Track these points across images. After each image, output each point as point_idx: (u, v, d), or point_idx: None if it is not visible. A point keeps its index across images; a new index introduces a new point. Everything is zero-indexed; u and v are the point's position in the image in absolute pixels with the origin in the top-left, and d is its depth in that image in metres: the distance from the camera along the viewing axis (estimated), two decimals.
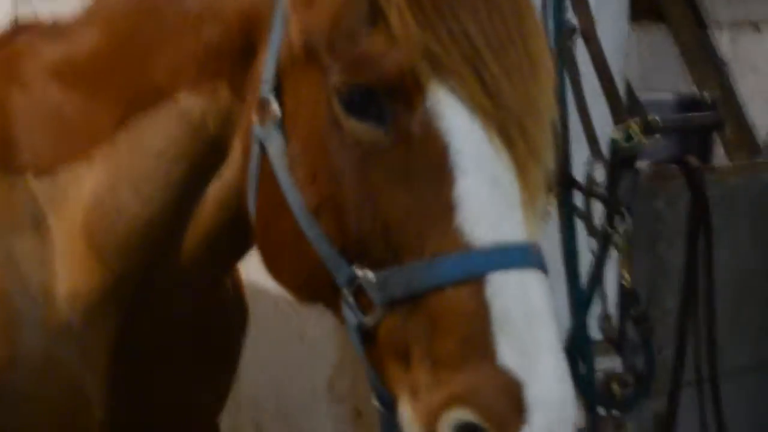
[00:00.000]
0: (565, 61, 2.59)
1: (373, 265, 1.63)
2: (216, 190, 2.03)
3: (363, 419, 3.16)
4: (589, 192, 2.61)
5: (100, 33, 2.24)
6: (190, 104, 1.98)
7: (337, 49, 1.65)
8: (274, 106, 1.75)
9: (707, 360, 2.97)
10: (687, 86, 7.79)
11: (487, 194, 1.60)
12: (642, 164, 2.75)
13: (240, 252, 2.19)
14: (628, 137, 2.58)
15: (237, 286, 2.55)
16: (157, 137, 2.07)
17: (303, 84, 1.74)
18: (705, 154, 4.64)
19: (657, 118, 2.69)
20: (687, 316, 2.92)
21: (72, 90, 2.27)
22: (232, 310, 2.53)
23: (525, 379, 1.45)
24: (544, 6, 2.54)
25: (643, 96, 3.09)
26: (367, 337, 1.66)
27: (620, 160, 2.59)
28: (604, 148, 2.63)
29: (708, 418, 3.00)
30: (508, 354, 1.48)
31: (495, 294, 1.52)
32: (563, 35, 2.56)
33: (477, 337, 1.51)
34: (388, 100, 1.61)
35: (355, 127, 1.64)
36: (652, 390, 2.70)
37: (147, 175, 2.10)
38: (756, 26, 8.09)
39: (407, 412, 1.58)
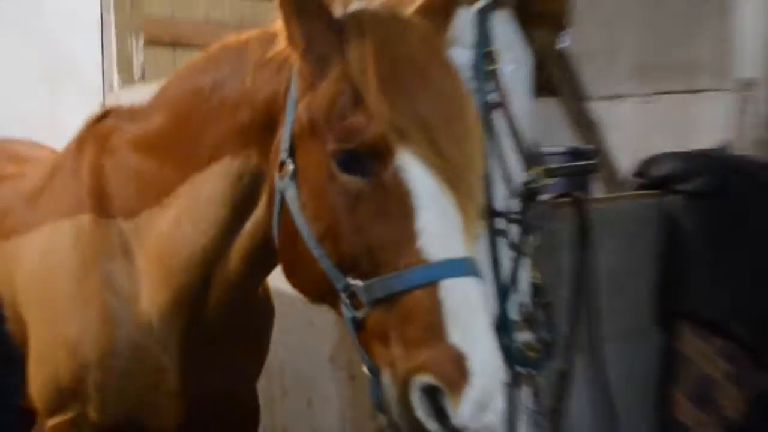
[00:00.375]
0: (489, 126, 2.64)
1: (362, 276, 1.68)
2: (251, 224, 2.06)
3: (356, 382, 3.20)
4: (507, 218, 2.68)
5: (165, 115, 2.26)
6: (231, 166, 2.03)
7: (332, 124, 1.72)
8: (290, 166, 1.81)
9: (589, 332, 3.05)
10: (572, 142, 7.84)
11: (438, 225, 1.68)
12: (544, 197, 2.86)
13: (269, 267, 2.22)
14: (534, 179, 2.66)
15: (266, 291, 2.59)
16: (208, 189, 2.09)
17: (309, 149, 1.79)
18: (586, 189, 4.66)
19: (553, 165, 2.78)
20: (576, 302, 3.01)
21: (148, 157, 2.28)
22: (263, 307, 2.60)
23: (468, 352, 1.55)
24: (474, 89, 2.60)
25: (544, 149, 3.11)
26: (358, 326, 1.71)
27: (529, 195, 2.69)
28: (518, 186, 2.69)
29: (591, 372, 3.10)
30: (456, 336, 1.56)
31: (446, 294, 1.60)
32: (487, 109, 2.60)
33: (434, 324, 1.58)
34: (368, 160, 1.68)
35: (345, 179, 1.71)
36: (553, 354, 2.79)
37: (202, 216, 2.12)
38: (619, 98, 8.08)
39: (387, 378, 1.66)
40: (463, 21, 2.60)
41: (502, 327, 2.63)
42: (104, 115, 2.56)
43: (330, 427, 3.51)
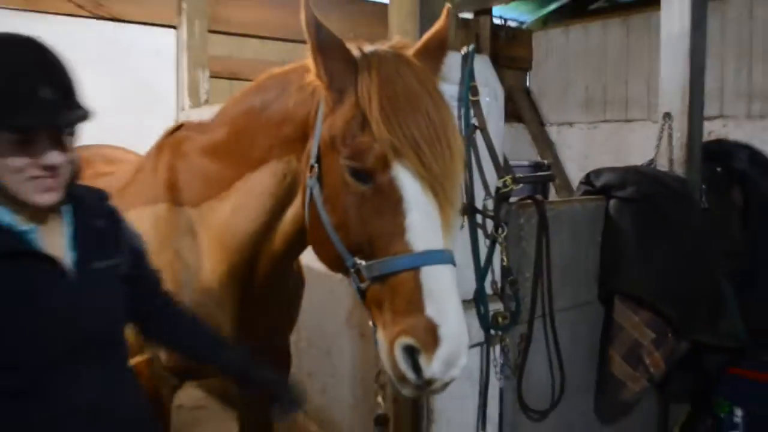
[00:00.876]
0: (471, 144, 2.63)
1: (365, 257, 1.71)
2: (290, 213, 2.05)
3: (365, 338, 3.19)
4: (484, 214, 2.67)
5: (225, 128, 2.23)
6: (277, 167, 2.01)
7: (345, 142, 1.71)
8: (316, 169, 1.80)
9: (547, 304, 3.03)
10: (535, 157, 7.85)
11: (422, 222, 1.67)
12: (513, 199, 2.83)
13: (302, 247, 2.19)
14: (505, 185, 2.64)
15: (298, 266, 2.56)
16: (259, 185, 2.07)
17: (329, 158, 1.78)
18: (545, 193, 4.64)
19: (519, 175, 2.76)
20: (537, 280, 2.97)
21: (211, 160, 2.26)
22: (296, 279, 2.56)
23: (440, 322, 1.59)
24: (459, 116, 2.58)
25: (513, 162, 3.13)
26: (363, 294, 1.74)
27: (501, 197, 2.67)
28: (493, 191, 2.68)
29: (549, 336, 3.08)
30: (431, 309, 1.60)
31: (425, 277, 1.63)
32: (470, 130, 2.58)
33: (415, 299, 1.62)
34: (371, 172, 1.68)
35: (354, 184, 1.71)
36: (518, 320, 2.78)
37: (253, 206, 2.10)
38: (570, 124, 8.08)
39: (380, 338, 1.71)
40: (452, 62, 2.58)
41: (480, 299, 2.64)
42: (178, 128, 2.57)
43: (344, 372, 3.50)
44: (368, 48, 1.82)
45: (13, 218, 1.58)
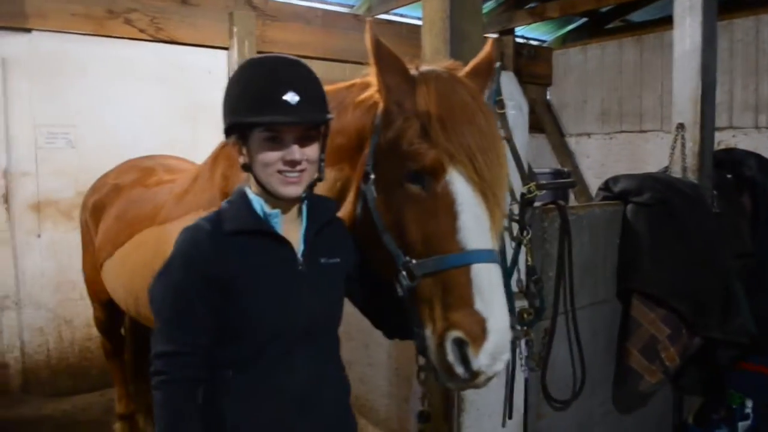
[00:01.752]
0: None
1: (415, 256, 1.68)
2: (341, 214, 2.00)
3: None
4: (510, 218, 2.63)
5: None
6: (330, 174, 1.97)
7: (404, 149, 1.71)
8: (371, 176, 1.79)
9: (570, 301, 2.98)
10: (555, 165, 7.77)
11: (473, 224, 1.66)
12: (537, 204, 2.80)
13: None
14: (529, 191, 2.61)
15: None
16: None
17: (385, 165, 1.77)
18: (566, 199, 4.60)
19: (543, 182, 2.73)
20: (559, 279, 2.93)
21: None
22: None
23: (488, 317, 1.57)
24: None
25: (535, 170, 3.11)
26: (411, 292, 1.70)
27: (526, 203, 2.63)
28: (518, 196, 2.65)
29: (571, 331, 3.03)
30: (480, 304, 1.58)
31: (475, 274, 1.61)
32: None
33: (465, 295, 1.60)
34: (426, 176, 1.68)
35: (409, 187, 1.70)
36: (542, 316, 2.74)
37: None
38: (588, 135, 7.99)
39: (429, 332, 1.66)
40: None
41: (507, 296, 2.61)
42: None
43: (380, 363, 3.47)
44: (424, 67, 1.84)
45: (263, 205, 1.70)
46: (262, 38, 5.74)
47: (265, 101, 1.60)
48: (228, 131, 1.71)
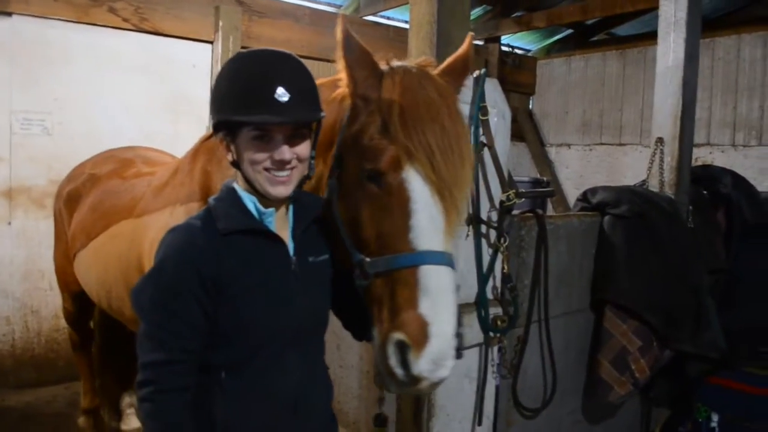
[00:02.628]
0: (479, 160, 2.60)
1: (369, 254, 1.65)
2: None
3: None
4: (488, 225, 2.63)
5: None
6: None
7: (364, 144, 1.67)
8: (336, 171, 1.76)
9: (544, 309, 2.97)
10: (534, 174, 7.82)
11: (426, 224, 1.62)
12: (515, 212, 2.81)
13: None
14: (508, 198, 2.60)
15: None
16: None
17: (348, 160, 1.73)
18: (543, 209, 4.62)
19: (522, 190, 2.73)
20: (535, 288, 2.93)
21: None
22: None
23: (432, 321, 1.52)
24: (471, 132, 2.55)
25: (515, 178, 3.11)
26: (364, 291, 1.66)
27: (504, 210, 2.62)
28: (497, 203, 2.65)
29: (543, 340, 3.04)
30: (424, 307, 1.53)
31: (422, 276, 1.57)
32: (479, 146, 2.54)
33: (410, 297, 1.55)
34: (385, 172, 1.64)
35: (367, 183, 1.67)
36: (516, 324, 2.74)
37: None
38: (568, 146, 8.05)
39: (375, 332, 1.62)
40: (466, 84, 2.57)
41: (481, 302, 2.60)
42: (212, 134, 2.53)
43: (351, 365, 3.46)
44: (395, 63, 1.80)
45: (257, 203, 1.66)
46: (247, 34, 5.70)
47: (254, 99, 1.54)
48: (216, 128, 1.65)
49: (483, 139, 2.56)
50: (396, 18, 7.15)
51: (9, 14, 4.72)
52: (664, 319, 3.16)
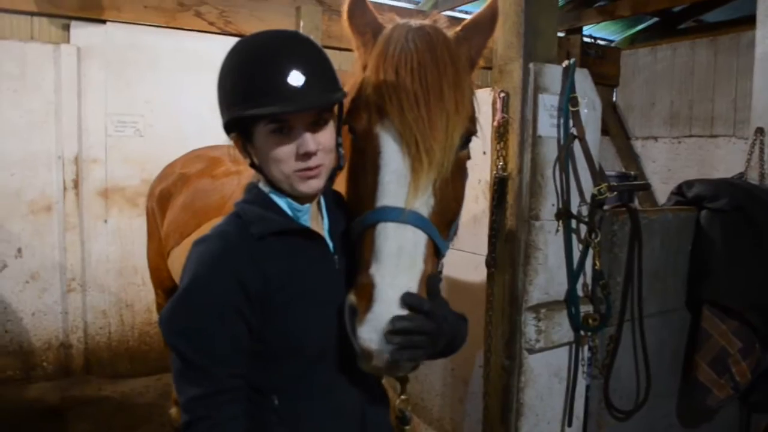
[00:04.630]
0: (569, 152, 2.53)
1: (356, 215, 1.58)
2: None
3: None
4: (579, 220, 2.56)
5: None
6: None
7: (352, 113, 1.60)
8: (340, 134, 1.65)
9: (637, 308, 2.86)
10: (619, 169, 7.56)
11: (389, 180, 1.52)
12: (607, 206, 2.71)
13: None
14: (600, 192, 2.52)
15: None
16: None
17: (347, 120, 1.63)
18: (631, 202, 4.44)
19: (614, 183, 2.64)
20: (627, 285, 2.80)
21: None
22: None
23: (377, 282, 1.41)
24: (557, 125, 2.49)
25: (608, 171, 3.00)
26: None
27: (595, 204, 2.53)
28: (588, 197, 2.57)
29: (637, 340, 2.92)
30: (374, 269, 1.43)
31: (377, 234, 1.47)
32: (569, 138, 2.48)
33: (368, 258, 1.46)
34: (362, 127, 1.57)
35: (354, 144, 1.63)
36: (608, 323, 2.65)
37: None
38: (655, 138, 7.74)
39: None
40: (554, 74, 2.51)
41: (571, 300, 2.54)
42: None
43: (436, 363, 3.40)
44: (399, 21, 1.69)
45: (289, 202, 1.51)
46: (327, 33, 5.75)
47: (265, 88, 1.37)
48: (227, 129, 1.47)
49: (573, 130, 2.50)
50: (474, 12, 7.05)
51: (103, 22, 4.94)
52: (766, 319, 2.98)
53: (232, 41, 1.52)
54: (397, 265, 1.43)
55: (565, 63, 2.52)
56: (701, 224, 3.14)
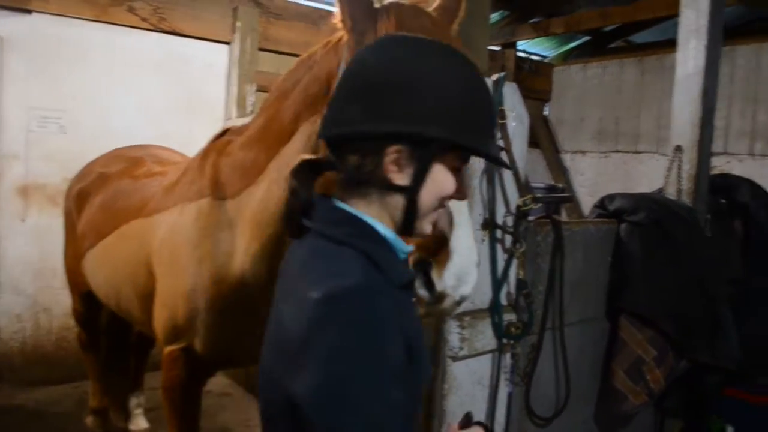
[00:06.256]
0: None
1: None
2: None
3: None
4: (504, 230, 2.60)
5: (262, 118, 2.20)
6: (305, 131, 1.95)
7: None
8: None
9: (558, 317, 2.93)
10: (548, 181, 7.75)
11: None
12: (532, 217, 2.77)
13: None
14: (525, 203, 2.57)
15: None
16: (290, 154, 1.99)
17: None
18: (558, 215, 4.55)
19: (538, 195, 2.69)
20: (549, 294, 2.88)
21: (248, 151, 2.21)
22: None
23: (450, 237, 1.53)
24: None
25: (532, 183, 3.07)
26: None
27: (520, 215, 2.58)
28: (513, 208, 2.61)
29: (557, 348, 2.99)
30: (442, 224, 1.51)
31: None
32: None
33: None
34: None
35: None
36: (530, 331, 2.69)
37: (284, 176, 1.99)
38: (583, 153, 7.98)
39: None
40: None
41: (495, 308, 2.57)
42: (224, 133, 2.55)
43: None
44: (386, 1, 1.79)
45: (395, 236, 1.25)
46: (265, 35, 5.69)
47: (492, 124, 1.25)
48: (426, 142, 1.16)
49: (500, 143, 2.54)
50: None
51: (29, 12, 4.72)
52: (680, 328, 3.11)
53: (167, 39, 1.47)
54: (465, 222, 1.55)
55: (495, 76, 2.56)
56: (621, 236, 3.26)
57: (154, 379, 4.20)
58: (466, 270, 1.50)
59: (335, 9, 1.81)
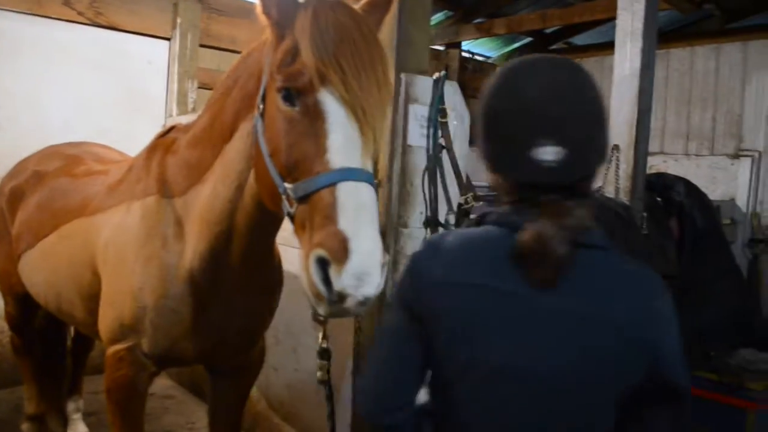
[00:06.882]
0: (438, 162, 2.61)
1: (293, 181, 1.66)
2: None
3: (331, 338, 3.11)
4: (446, 228, 2.64)
5: (205, 116, 2.20)
6: (245, 128, 1.96)
7: (281, 71, 1.67)
8: (260, 106, 1.83)
9: None
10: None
11: (341, 142, 1.62)
12: (472, 216, 2.83)
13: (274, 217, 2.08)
14: (466, 201, 2.62)
15: (279, 261, 2.44)
16: (233, 152, 2.03)
17: (270, 93, 1.76)
18: None
19: (480, 193, 2.75)
20: None
21: (194, 149, 2.21)
22: (276, 271, 2.45)
23: (350, 236, 1.51)
24: (427, 135, 2.57)
25: (475, 182, 3.12)
26: (292, 219, 1.68)
27: (462, 213, 2.63)
28: (455, 206, 2.66)
29: None
30: (344, 223, 1.52)
31: (340, 193, 1.56)
32: (437, 149, 2.56)
33: (330, 214, 1.54)
34: (300, 95, 1.67)
35: (285, 109, 1.69)
36: None
37: (228, 174, 2.05)
38: None
39: (301, 254, 1.60)
40: (425, 85, 2.58)
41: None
42: (169, 130, 2.53)
43: (308, 368, 3.42)
44: None
45: None
46: (206, 32, 5.62)
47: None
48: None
49: (442, 141, 2.59)
50: None
51: None
52: None
53: (104, 34, 1.47)
54: (367, 219, 1.55)
55: (436, 75, 2.60)
56: None
57: (94, 384, 4.13)
58: (366, 270, 1.50)
59: (257, 1, 1.82)
